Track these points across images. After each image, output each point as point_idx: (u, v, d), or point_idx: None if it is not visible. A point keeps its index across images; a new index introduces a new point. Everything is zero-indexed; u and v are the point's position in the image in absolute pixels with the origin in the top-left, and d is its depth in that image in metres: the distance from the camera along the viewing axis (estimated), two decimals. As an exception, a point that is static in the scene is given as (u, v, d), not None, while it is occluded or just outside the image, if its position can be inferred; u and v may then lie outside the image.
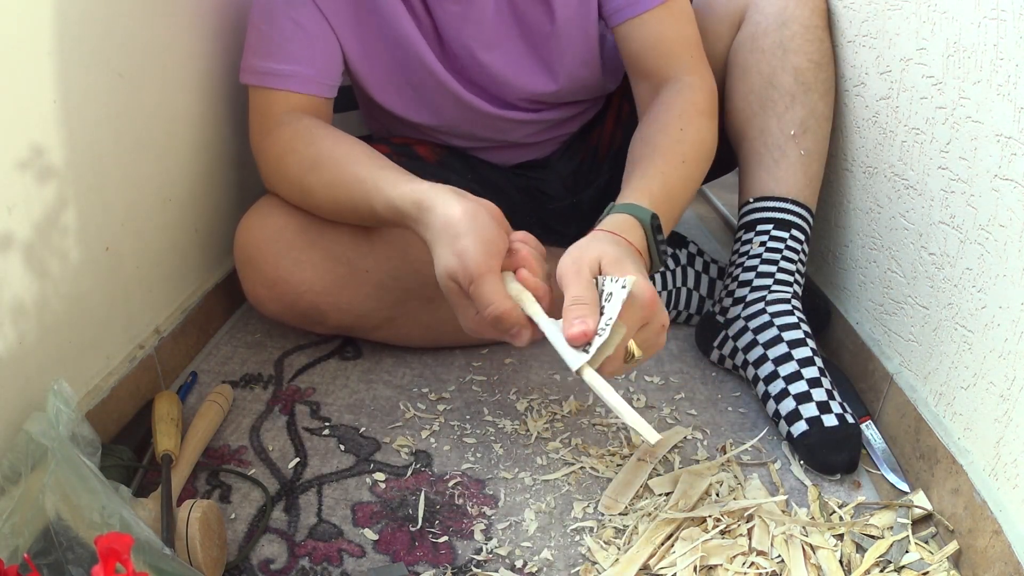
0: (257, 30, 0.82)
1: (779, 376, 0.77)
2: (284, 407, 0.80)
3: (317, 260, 0.79)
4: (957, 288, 0.66)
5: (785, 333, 0.78)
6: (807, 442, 0.72)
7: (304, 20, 0.81)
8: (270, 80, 0.81)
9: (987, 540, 0.58)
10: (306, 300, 0.81)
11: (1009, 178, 0.59)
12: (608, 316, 0.59)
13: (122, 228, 0.73)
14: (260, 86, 0.81)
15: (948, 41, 0.67)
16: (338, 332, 0.88)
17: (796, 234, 0.83)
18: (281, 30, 0.81)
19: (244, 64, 0.83)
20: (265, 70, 0.81)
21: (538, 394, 0.83)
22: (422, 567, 0.60)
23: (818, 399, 0.73)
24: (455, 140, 0.97)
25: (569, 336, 0.59)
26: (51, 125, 0.61)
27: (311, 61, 0.82)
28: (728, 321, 0.84)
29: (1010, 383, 0.58)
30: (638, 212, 0.70)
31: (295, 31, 0.81)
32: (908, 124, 0.74)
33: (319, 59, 0.83)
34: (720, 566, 0.60)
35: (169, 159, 0.81)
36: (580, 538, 0.64)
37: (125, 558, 0.42)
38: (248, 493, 0.68)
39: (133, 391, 0.75)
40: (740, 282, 0.84)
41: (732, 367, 0.86)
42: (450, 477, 0.70)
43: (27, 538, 0.49)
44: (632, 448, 0.75)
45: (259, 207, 0.83)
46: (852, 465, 0.71)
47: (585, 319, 0.59)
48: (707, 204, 1.49)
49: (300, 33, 0.81)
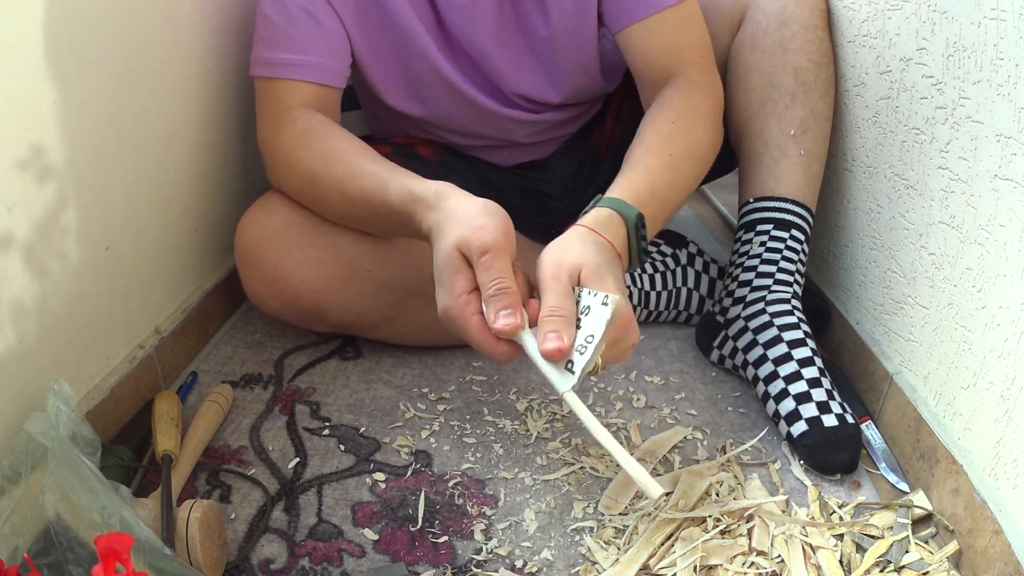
0: (268, 20, 0.81)
1: (779, 376, 0.77)
2: (284, 407, 0.80)
3: (319, 259, 0.79)
4: (957, 288, 0.66)
5: (785, 333, 0.78)
6: (807, 442, 0.72)
7: (315, 10, 0.81)
8: (284, 71, 0.80)
9: (987, 540, 0.58)
10: (307, 299, 0.80)
11: (1009, 178, 0.59)
12: (588, 333, 0.59)
13: (122, 228, 0.73)
14: (273, 77, 0.81)
15: (948, 41, 0.67)
16: (337, 330, 0.88)
17: (796, 234, 0.83)
18: (293, 20, 0.81)
19: (255, 56, 0.82)
20: (279, 60, 0.80)
21: (538, 394, 0.83)
22: (422, 567, 0.60)
23: (818, 399, 0.73)
24: (455, 138, 0.97)
25: (544, 351, 0.59)
26: (51, 125, 0.61)
27: (324, 51, 0.82)
28: (728, 321, 0.84)
29: (1010, 383, 0.58)
30: (624, 209, 0.69)
31: (306, 21, 0.81)
32: (908, 124, 0.74)
33: (331, 49, 0.82)
34: (720, 566, 0.60)
35: (169, 159, 0.81)
36: (580, 538, 0.64)
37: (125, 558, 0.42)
38: (248, 493, 0.68)
39: (133, 391, 0.75)
40: (740, 282, 0.84)
41: (732, 367, 0.86)
42: (450, 477, 0.70)
43: (27, 538, 0.49)
44: (632, 448, 0.75)
45: (261, 204, 0.82)
46: (852, 465, 0.71)
47: (560, 335, 0.58)
48: (707, 204, 1.49)
49: (312, 23, 0.81)
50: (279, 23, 0.81)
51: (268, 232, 0.80)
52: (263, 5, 0.82)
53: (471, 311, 0.61)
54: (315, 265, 0.79)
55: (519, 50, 0.89)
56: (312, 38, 0.81)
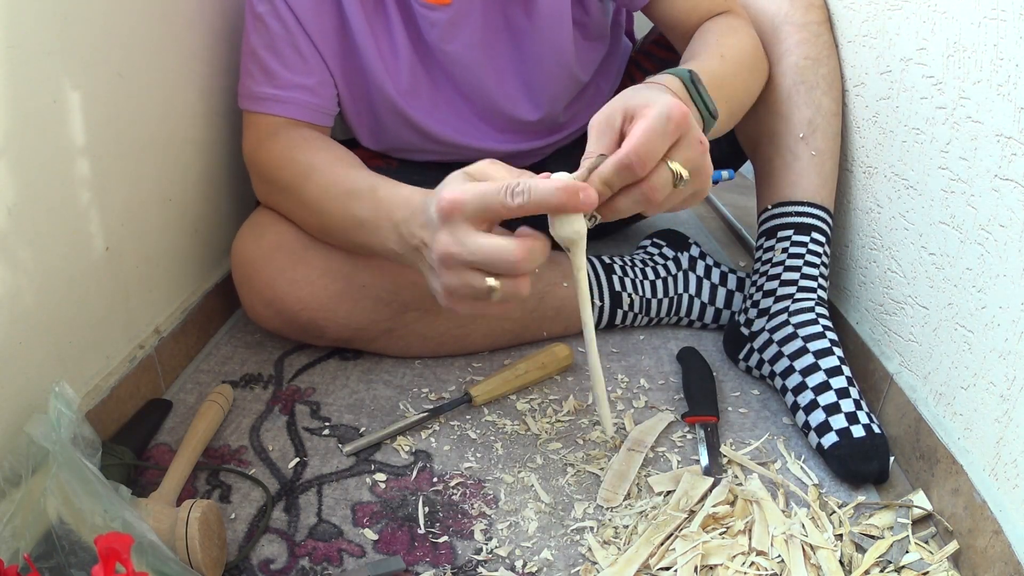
0: (254, 54, 0.82)
1: (807, 387, 0.76)
2: (284, 407, 0.80)
3: (313, 278, 0.79)
4: (957, 288, 0.66)
5: (810, 344, 0.78)
6: (837, 453, 0.71)
7: (302, 46, 0.81)
8: (271, 106, 0.81)
9: (987, 540, 0.58)
10: (304, 317, 0.81)
11: (1009, 178, 0.59)
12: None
13: (122, 228, 0.73)
14: (262, 112, 0.82)
15: (948, 41, 0.67)
16: (337, 344, 0.87)
17: (816, 236, 0.83)
18: (280, 55, 0.81)
19: (243, 89, 0.83)
20: (268, 96, 0.81)
21: (538, 394, 0.83)
22: (422, 567, 0.61)
23: (847, 410, 0.73)
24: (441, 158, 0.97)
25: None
26: (51, 125, 0.61)
27: (311, 89, 0.82)
28: (753, 334, 0.84)
29: (1010, 383, 0.58)
30: (675, 71, 0.68)
31: (294, 57, 0.81)
32: (908, 124, 0.74)
33: (318, 86, 0.83)
34: (720, 566, 0.60)
35: (169, 159, 0.81)
36: (580, 538, 0.64)
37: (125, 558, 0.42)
38: (248, 493, 0.68)
39: (133, 391, 0.75)
40: (764, 292, 0.84)
41: (760, 377, 0.86)
42: (450, 477, 0.71)
43: (28, 541, 0.49)
44: (623, 437, 0.75)
45: (252, 224, 0.83)
46: (883, 475, 0.70)
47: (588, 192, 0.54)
48: (707, 204, 1.50)
49: (298, 59, 0.81)
50: (264, 57, 0.81)
51: (259, 253, 0.80)
52: (250, 37, 0.82)
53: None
54: (309, 284, 0.79)
55: (501, 61, 0.88)
56: (298, 75, 0.82)
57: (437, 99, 0.90)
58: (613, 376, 0.87)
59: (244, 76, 0.83)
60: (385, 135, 0.92)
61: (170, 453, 0.72)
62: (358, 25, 0.82)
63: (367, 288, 0.81)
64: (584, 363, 0.87)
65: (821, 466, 0.73)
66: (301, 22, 0.80)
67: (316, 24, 0.81)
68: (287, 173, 0.78)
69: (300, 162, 0.77)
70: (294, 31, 0.80)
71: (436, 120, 0.90)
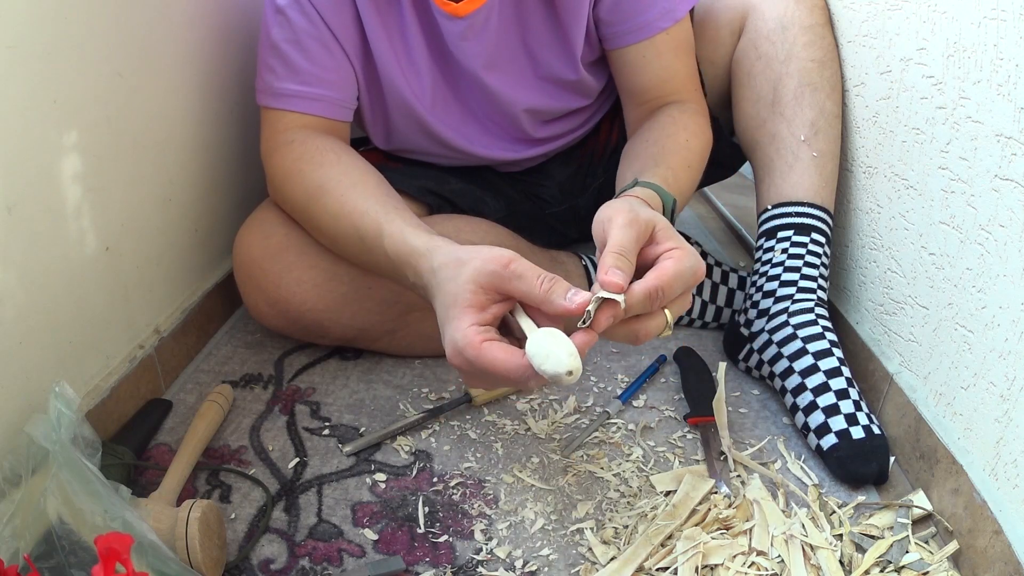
0: (275, 48, 0.79)
1: (806, 388, 0.76)
2: (284, 407, 0.80)
3: (319, 280, 0.79)
4: (957, 288, 0.66)
5: (810, 345, 0.78)
6: (837, 455, 0.71)
7: (327, 41, 0.79)
8: (292, 103, 0.80)
9: (987, 540, 0.58)
10: (309, 318, 0.81)
11: (1009, 178, 0.59)
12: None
13: (122, 228, 0.73)
14: (282, 109, 0.80)
15: (948, 41, 0.67)
16: (341, 344, 0.87)
17: (816, 237, 0.83)
18: (304, 49, 0.79)
19: (262, 85, 0.81)
20: (289, 92, 0.79)
21: (538, 394, 0.83)
22: (422, 567, 0.61)
23: (846, 411, 0.73)
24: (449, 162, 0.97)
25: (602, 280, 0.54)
26: (51, 125, 0.61)
27: (334, 83, 0.81)
28: (752, 335, 0.84)
29: (1010, 383, 0.58)
30: (663, 194, 0.69)
31: (319, 51, 0.79)
32: (908, 124, 0.74)
33: (340, 81, 0.81)
34: (720, 566, 0.60)
35: (169, 159, 0.81)
36: (580, 538, 0.64)
37: (125, 558, 0.42)
38: (248, 493, 0.68)
39: (133, 391, 0.75)
40: (764, 292, 0.84)
41: (760, 377, 0.86)
42: (450, 477, 0.71)
43: (28, 541, 0.49)
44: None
45: (258, 221, 0.82)
46: (883, 476, 0.70)
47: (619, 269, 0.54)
48: (707, 204, 1.50)
49: (324, 53, 0.79)
50: (288, 52, 0.79)
51: (267, 253, 0.79)
52: (271, 31, 0.80)
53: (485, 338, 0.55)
54: (315, 286, 0.79)
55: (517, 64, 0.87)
56: (322, 70, 0.80)
57: (455, 109, 0.90)
58: (613, 376, 0.87)
59: (264, 71, 0.81)
60: (395, 137, 0.91)
61: (170, 453, 0.72)
62: (374, 32, 0.81)
63: (373, 290, 0.80)
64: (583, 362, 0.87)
65: (821, 466, 0.73)
66: (324, 18, 0.79)
67: (337, 21, 0.79)
68: (298, 191, 0.76)
69: (310, 179, 0.75)
70: (319, 25, 0.79)
71: (453, 129, 0.90)
